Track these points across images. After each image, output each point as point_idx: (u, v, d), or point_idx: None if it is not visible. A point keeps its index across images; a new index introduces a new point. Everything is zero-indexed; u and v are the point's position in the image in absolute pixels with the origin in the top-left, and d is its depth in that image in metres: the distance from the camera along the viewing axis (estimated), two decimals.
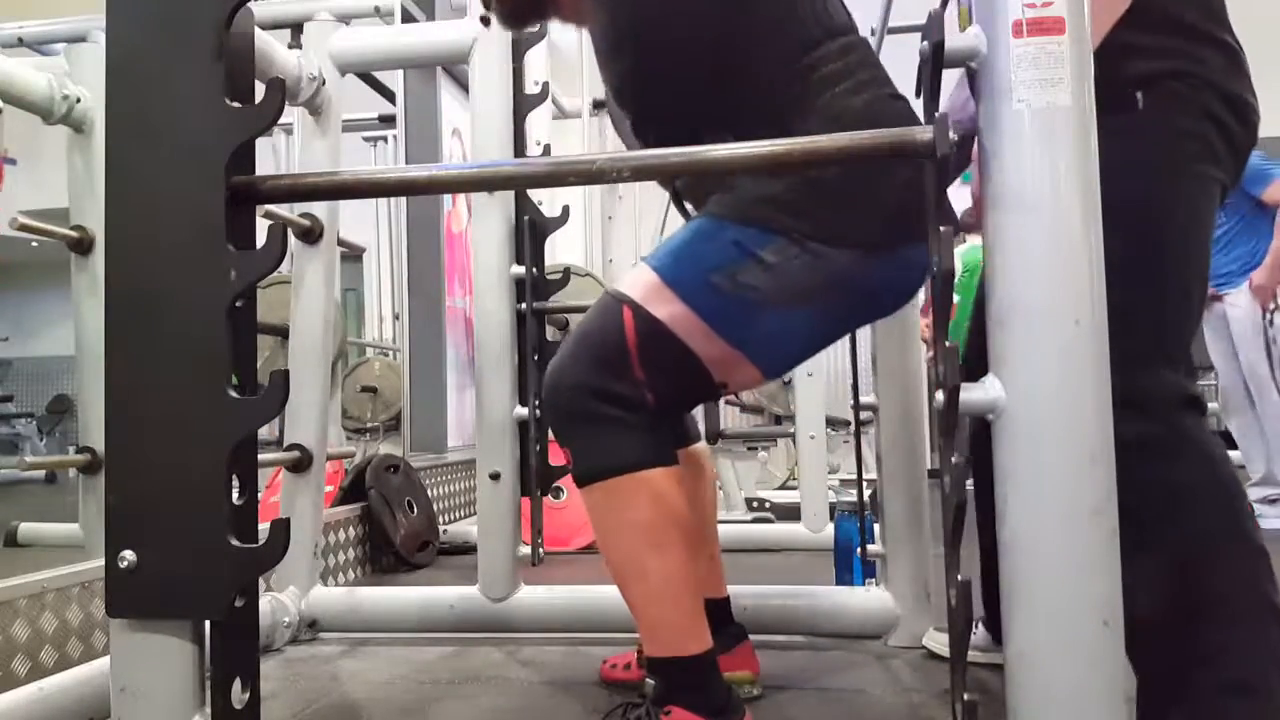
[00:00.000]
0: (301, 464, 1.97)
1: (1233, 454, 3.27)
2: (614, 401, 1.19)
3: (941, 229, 0.82)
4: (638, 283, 1.22)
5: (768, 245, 1.16)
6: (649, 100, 1.28)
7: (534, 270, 1.99)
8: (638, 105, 1.30)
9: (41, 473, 4.86)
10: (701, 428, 1.71)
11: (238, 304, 0.89)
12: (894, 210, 1.17)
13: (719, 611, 1.52)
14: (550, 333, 2.49)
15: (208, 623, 0.88)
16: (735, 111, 1.22)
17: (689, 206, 1.42)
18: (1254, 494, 3.31)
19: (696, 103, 1.24)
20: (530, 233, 1.99)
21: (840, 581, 2.08)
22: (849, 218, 1.17)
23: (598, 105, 4.42)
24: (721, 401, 4.95)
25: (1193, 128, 1.14)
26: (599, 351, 1.20)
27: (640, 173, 0.94)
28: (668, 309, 1.18)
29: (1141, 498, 1.09)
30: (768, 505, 3.57)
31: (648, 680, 1.25)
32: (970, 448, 0.82)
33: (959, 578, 0.83)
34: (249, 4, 0.91)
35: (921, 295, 1.46)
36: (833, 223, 1.16)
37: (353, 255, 4.53)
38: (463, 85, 3.93)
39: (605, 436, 1.20)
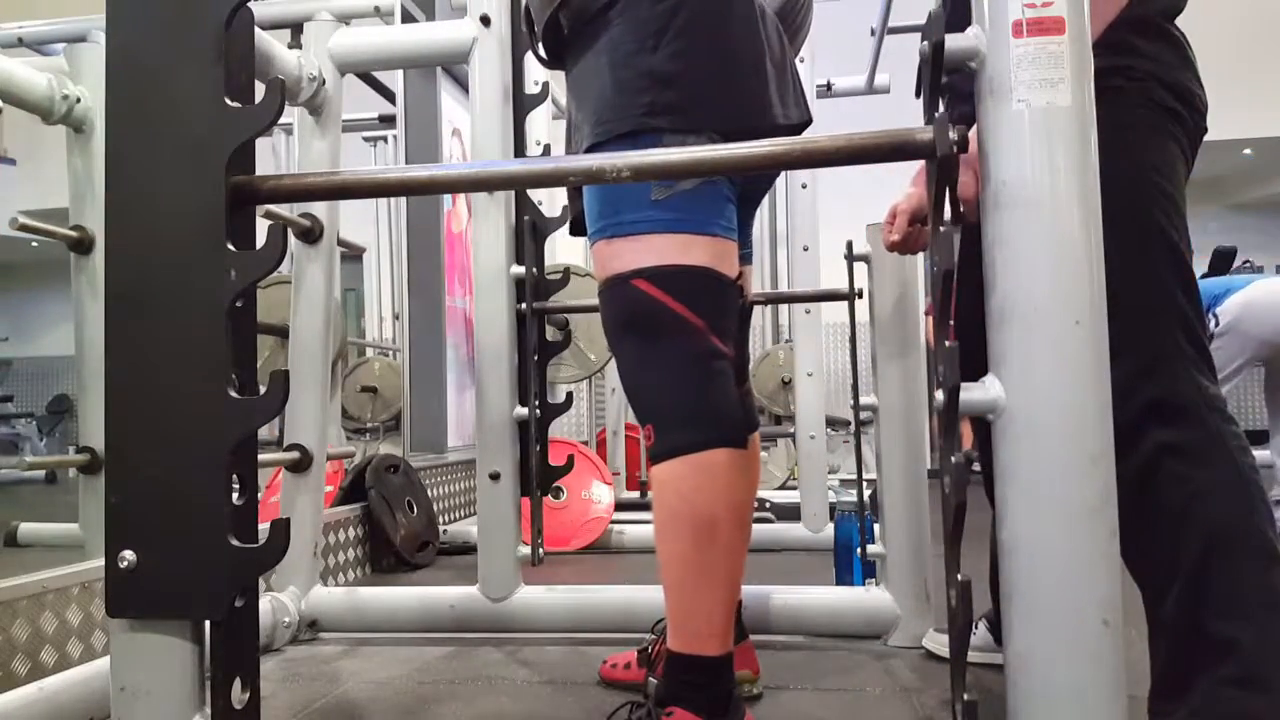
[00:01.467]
0: (301, 464, 1.97)
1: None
2: (703, 361, 1.21)
3: (941, 229, 0.82)
4: (614, 256, 1.24)
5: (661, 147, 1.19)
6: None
7: (534, 270, 1.99)
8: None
9: (41, 473, 4.86)
10: None
11: (238, 304, 0.89)
12: (745, 97, 1.24)
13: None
14: (550, 333, 2.49)
15: (208, 623, 0.88)
16: None
17: None
18: None
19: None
20: (530, 233, 1.99)
21: (840, 581, 2.08)
22: (705, 111, 1.22)
23: None
24: None
25: (1134, 118, 1.16)
26: (660, 334, 1.22)
27: (640, 173, 0.94)
28: (653, 252, 1.21)
29: (1163, 497, 1.10)
30: (768, 505, 3.57)
31: (650, 679, 1.25)
32: (980, 445, 0.82)
33: (959, 578, 0.83)
34: (249, 4, 0.91)
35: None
36: (693, 118, 1.21)
37: (353, 255, 4.54)
38: (463, 85, 3.93)
39: (686, 411, 1.21)
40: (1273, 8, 6.16)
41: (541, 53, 1.39)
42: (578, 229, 1.45)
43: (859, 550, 1.91)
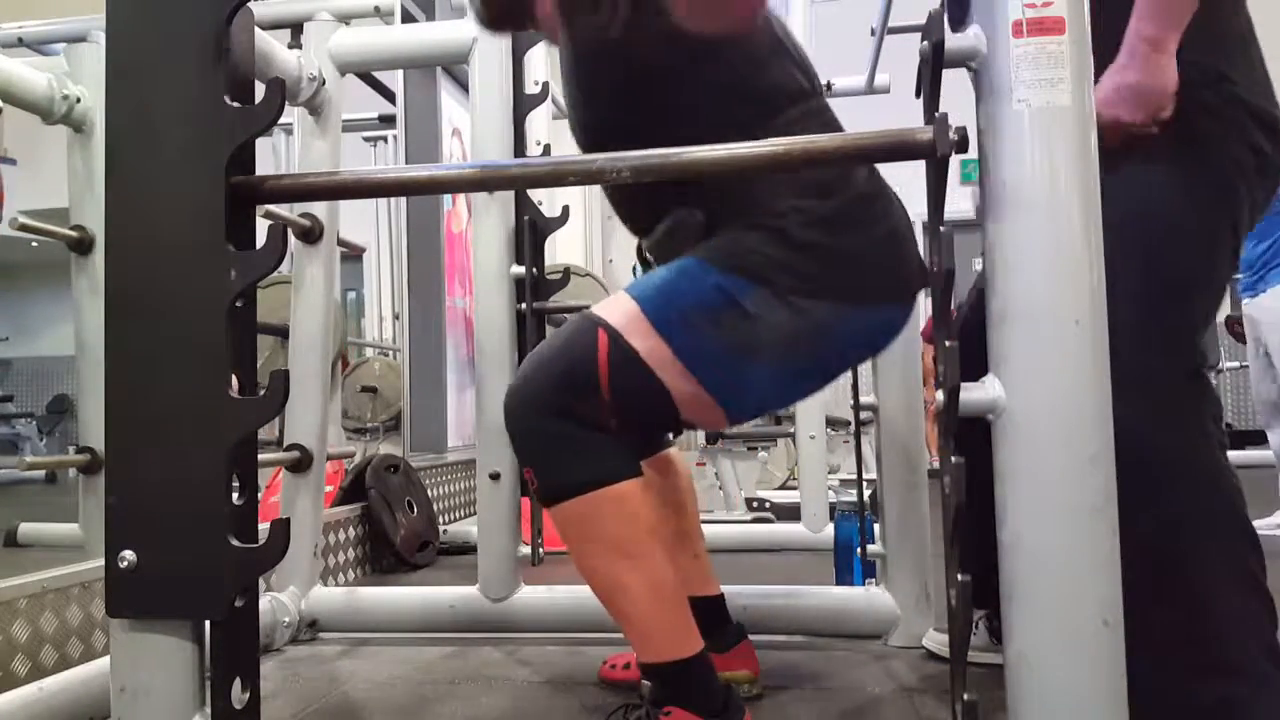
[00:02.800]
0: (301, 464, 1.97)
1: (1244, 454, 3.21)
2: (576, 420, 1.17)
3: (941, 229, 0.82)
4: (617, 309, 1.20)
5: (750, 295, 1.16)
6: (596, 144, 1.29)
7: (534, 270, 1.98)
8: (587, 142, 1.32)
9: (41, 473, 4.85)
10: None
11: (238, 304, 0.89)
12: (875, 263, 1.20)
13: (711, 609, 1.52)
14: (550, 333, 2.48)
15: (208, 623, 0.88)
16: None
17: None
18: None
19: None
20: (530, 233, 1.99)
21: (840, 581, 2.08)
22: (833, 274, 1.18)
23: None
24: None
25: (1227, 154, 1.13)
26: (567, 369, 1.18)
27: (640, 173, 0.93)
28: (645, 342, 1.17)
29: (1131, 476, 1.10)
30: (768, 505, 3.57)
31: (645, 682, 1.25)
32: (961, 448, 0.82)
33: (959, 578, 0.83)
34: (249, 4, 0.91)
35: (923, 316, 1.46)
36: (817, 277, 1.17)
37: (353, 255, 4.53)
38: (463, 85, 3.93)
39: (567, 454, 1.18)
40: (1274, 7, 6.16)
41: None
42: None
43: (859, 550, 1.91)
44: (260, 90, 0.90)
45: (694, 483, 1.63)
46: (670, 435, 1.58)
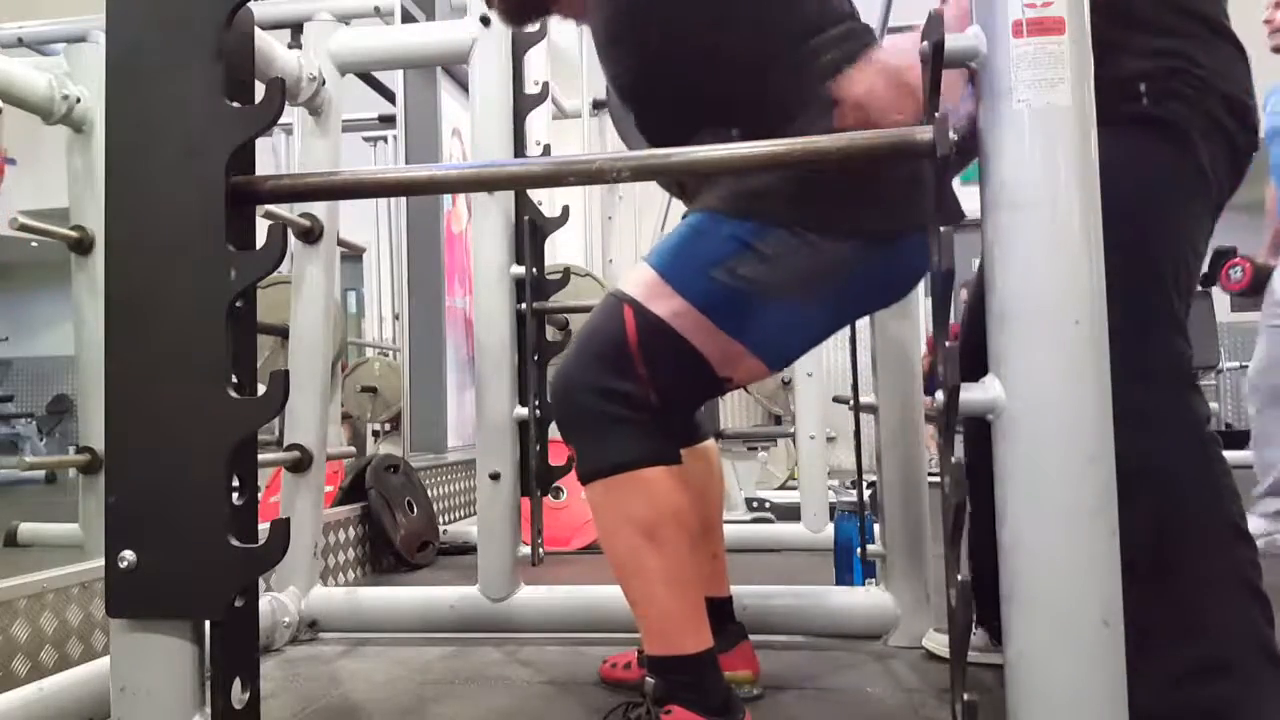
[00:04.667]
0: (301, 464, 1.97)
1: (1241, 454, 3.17)
2: (618, 400, 1.19)
3: (941, 229, 0.82)
4: (638, 281, 1.22)
5: (766, 238, 1.17)
6: (650, 92, 1.29)
7: (534, 270, 1.98)
8: (638, 97, 1.31)
9: (41, 473, 4.86)
10: None
11: (238, 304, 0.89)
12: (891, 201, 1.18)
13: (721, 610, 1.52)
14: (550, 333, 2.49)
15: (208, 623, 0.88)
16: (736, 101, 1.22)
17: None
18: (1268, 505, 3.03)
19: (697, 92, 1.24)
20: (530, 233, 1.99)
21: (840, 581, 2.08)
22: (847, 210, 1.17)
23: (598, 105, 4.42)
24: (721, 401, 4.94)
25: (1188, 123, 1.14)
26: (602, 351, 1.20)
27: (640, 173, 0.94)
28: (668, 305, 1.18)
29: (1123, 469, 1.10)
30: (768, 505, 3.57)
31: (648, 679, 1.25)
32: (966, 448, 0.82)
33: (959, 578, 0.83)
34: (249, 4, 0.91)
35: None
36: (830, 215, 1.17)
37: (353, 255, 4.53)
38: (463, 85, 3.93)
39: (609, 435, 1.20)
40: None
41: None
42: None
43: (859, 550, 1.91)
44: (260, 90, 0.90)
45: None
46: (709, 428, 1.59)
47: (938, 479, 0.87)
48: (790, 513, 3.16)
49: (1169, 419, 1.12)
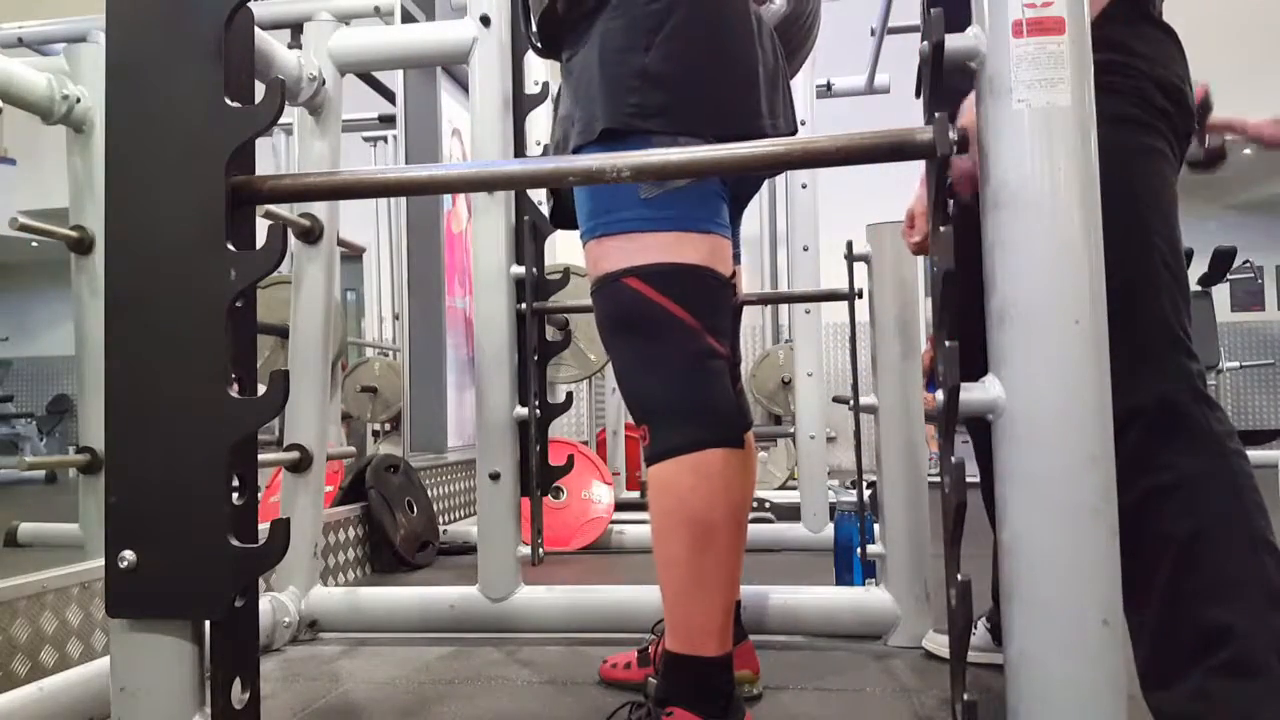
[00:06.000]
0: (301, 464, 1.97)
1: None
2: (698, 360, 1.20)
3: (941, 229, 0.82)
4: (605, 255, 1.24)
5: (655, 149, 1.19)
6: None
7: (534, 270, 1.99)
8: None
9: (41, 473, 4.85)
10: None
11: (238, 304, 0.89)
12: (734, 107, 1.24)
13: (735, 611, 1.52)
14: (550, 333, 2.49)
15: (208, 623, 0.88)
16: None
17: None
18: None
19: None
20: (530, 233, 1.99)
21: (840, 581, 2.08)
22: (698, 113, 1.21)
23: None
24: None
25: (1127, 113, 1.16)
26: (647, 330, 1.21)
27: (640, 173, 0.94)
28: (645, 250, 1.20)
29: (1152, 482, 1.10)
30: (768, 505, 3.57)
31: (649, 679, 1.25)
32: (978, 444, 0.82)
33: (959, 578, 0.83)
34: (249, 4, 0.91)
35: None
36: (682, 121, 1.20)
37: (353, 255, 4.53)
38: (463, 85, 3.93)
39: (673, 416, 1.20)
40: (1274, 7, 6.16)
41: (536, 41, 1.38)
42: (558, 220, 1.45)
43: (859, 550, 1.91)
44: (260, 90, 0.90)
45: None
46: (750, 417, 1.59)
47: (938, 479, 0.87)
48: (790, 513, 3.16)
49: (1194, 431, 1.12)
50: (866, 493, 1.89)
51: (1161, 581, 1.10)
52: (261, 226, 0.94)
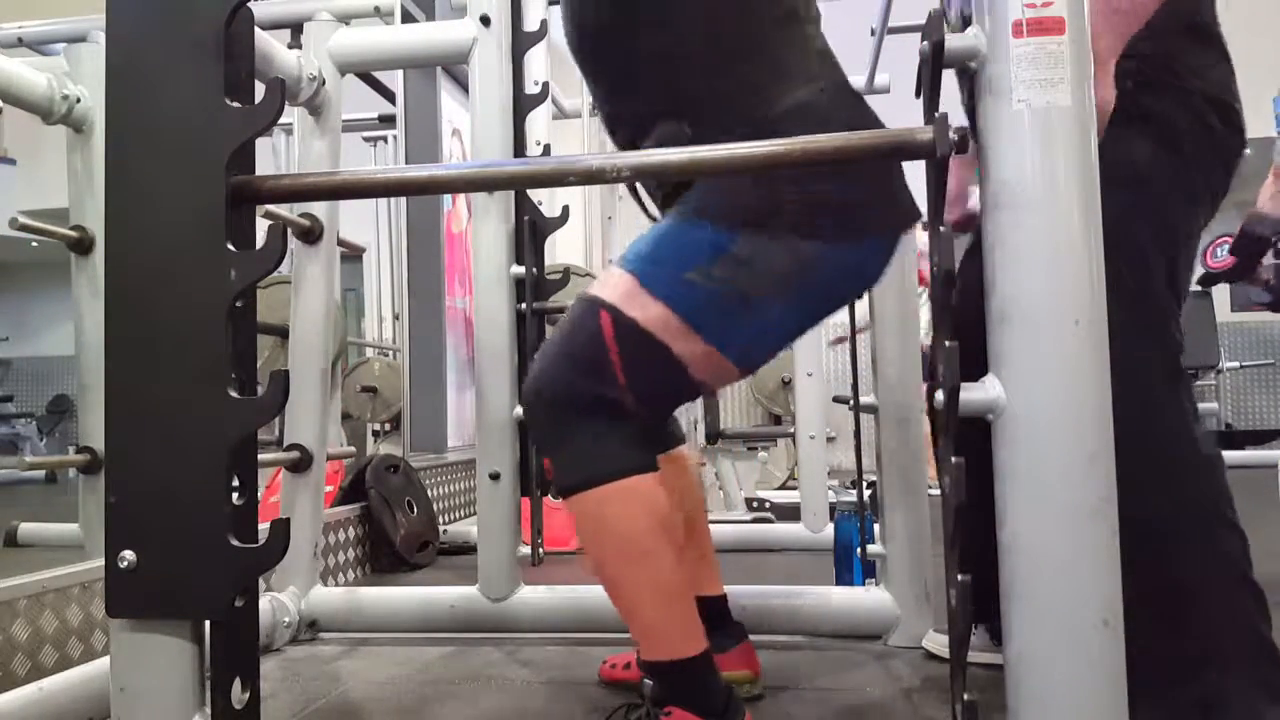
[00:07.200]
0: (301, 464, 1.97)
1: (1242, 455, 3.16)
2: (597, 409, 1.17)
3: (941, 229, 0.82)
4: (613, 285, 1.20)
5: (740, 240, 1.16)
6: (588, 50, 1.30)
7: (534, 270, 1.99)
8: (580, 47, 1.32)
9: (41, 473, 4.85)
10: (701, 428, 1.71)
11: (238, 304, 0.89)
12: (859, 203, 1.19)
13: (715, 609, 1.52)
14: (550, 333, 2.48)
15: (208, 623, 0.88)
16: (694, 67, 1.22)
17: (646, 202, 1.43)
18: None
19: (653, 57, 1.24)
20: (530, 233, 1.99)
21: (840, 581, 2.08)
22: (828, 215, 1.17)
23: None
24: (721, 401, 4.93)
25: (1176, 136, 1.16)
26: (579, 356, 1.18)
27: (640, 173, 0.94)
28: (645, 310, 1.16)
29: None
30: (768, 505, 3.57)
31: (646, 681, 1.25)
32: (961, 447, 0.82)
33: (959, 578, 0.83)
34: (249, 4, 0.91)
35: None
36: (812, 219, 1.16)
37: (353, 255, 4.53)
38: (463, 85, 3.93)
39: (588, 446, 1.18)
40: (1273, 7, 6.17)
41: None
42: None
43: (859, 550, 1.91)
44: (260, 90, 0.90)
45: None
46: (682, 434, 1.59)
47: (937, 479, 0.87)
48: (790, 513, 3.16)
49: (1159, 413, 1.12)
50: (866, 493, 1.89)
51: (1129, 566, 1.10)
52: (261, 226, 0.94)
